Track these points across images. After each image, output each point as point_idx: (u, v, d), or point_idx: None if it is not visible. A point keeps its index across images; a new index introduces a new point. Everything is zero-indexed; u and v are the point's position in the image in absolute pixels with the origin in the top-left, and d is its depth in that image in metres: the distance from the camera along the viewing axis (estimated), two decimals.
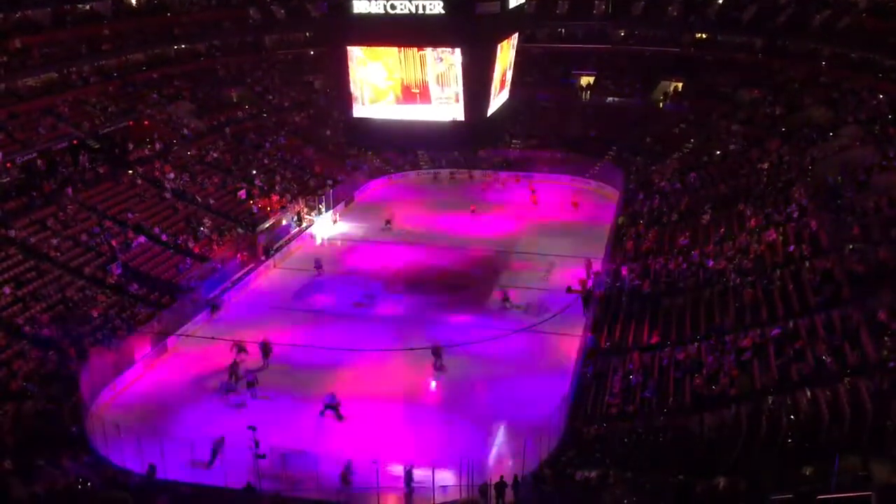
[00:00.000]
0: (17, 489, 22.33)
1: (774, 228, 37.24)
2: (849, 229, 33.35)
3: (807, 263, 32.68)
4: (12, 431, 26.66)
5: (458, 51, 31.97)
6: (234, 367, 31.10)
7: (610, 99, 66.37)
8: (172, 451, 25.43)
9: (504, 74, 36.99)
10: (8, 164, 41.83)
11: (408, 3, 31.01)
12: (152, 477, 24.78)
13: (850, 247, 31.85)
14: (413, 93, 33.67)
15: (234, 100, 61.67)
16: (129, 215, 42.83)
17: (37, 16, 51.15)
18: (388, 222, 49.77)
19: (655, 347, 31.49)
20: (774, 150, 49.28)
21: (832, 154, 43.59)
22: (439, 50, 32.35)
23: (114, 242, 40.08)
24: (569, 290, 38.80)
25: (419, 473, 24.47)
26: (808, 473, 19.68)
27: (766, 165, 47.72)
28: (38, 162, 43.61)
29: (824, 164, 42.44)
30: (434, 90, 33.29)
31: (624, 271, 39.00)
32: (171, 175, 48.21)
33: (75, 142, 46.81)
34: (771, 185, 44.08)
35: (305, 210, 49.60)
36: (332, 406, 28.93)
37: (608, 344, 33.14)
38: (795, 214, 37.90)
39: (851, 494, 15.43)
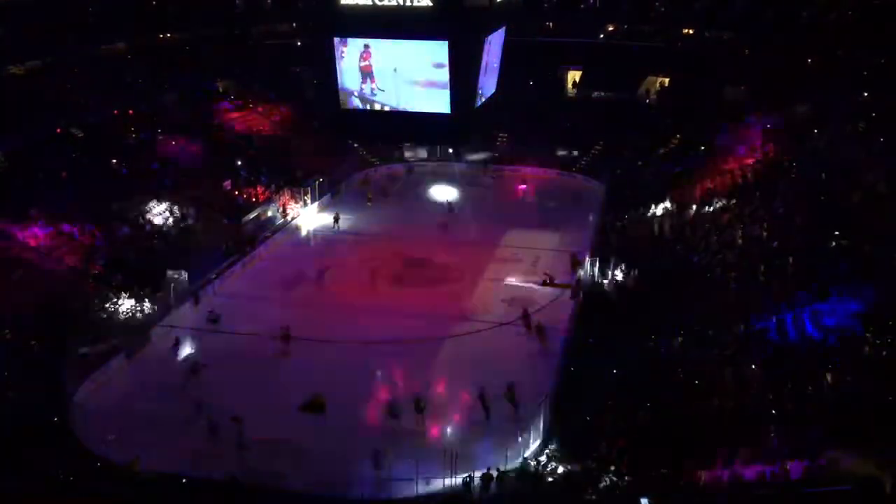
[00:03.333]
0: None
1: (759, 223, 37.45)
2: (833, 225, 33.59)
3: (791, 258, 32.88)
4: None
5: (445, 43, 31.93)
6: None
7: (597, 93, 66.45)
8: (156, 442, 25.33)
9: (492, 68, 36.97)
10: None
11: None
12: (136, 468, 24.67)
13: (834, 242, 32.10)
14: None
15: (220, 90, 61.30)
16: (114, 205, 42.50)
17: (21, 2, 50.54)
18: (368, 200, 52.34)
19: (640, 341, 31.58)
20: (760, 146, 49.46)
21: (817, 150, 43.80)
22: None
23: (98, 232, 39.78)
24: (544, 283, 38.93)
25: (403, 466, 24.50)
26: (790, 468, 19.84)
27: (751, 161, 47.91)
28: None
29: (809, 160, 42.66)
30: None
31: (609, 266, 39.09)
32: (156, 165, 47.90)
33: (59, 130, 46.39)
34: (756, 180, 44.26)
35: (291, 201, 49.44)
36: (314, 404, 28.83)
37: (593, 338, 33.21)
38: (780, 210, 38.12)
39: (835, 488, 15.57)
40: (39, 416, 27.37)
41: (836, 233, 32.98)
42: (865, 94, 48.10)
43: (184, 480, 24.48)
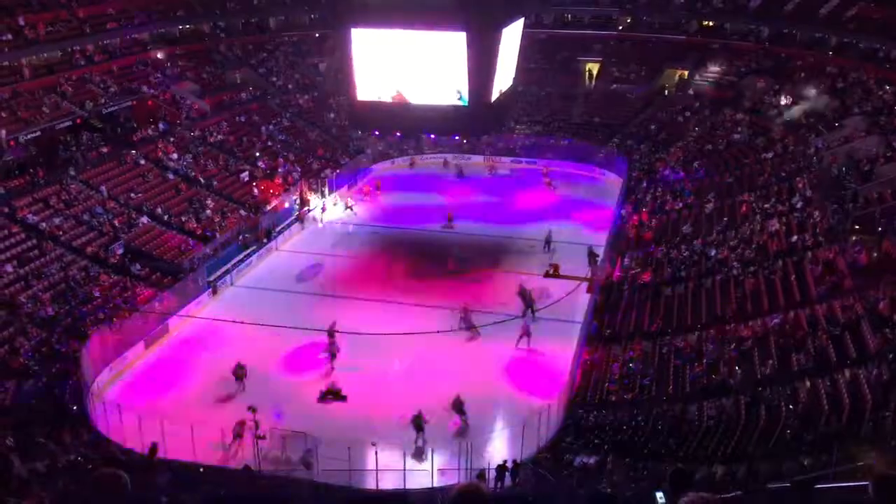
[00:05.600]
0: (18, 467, 22.40)
1: (778, 218, 37.23)
2: (852, 220, 33.37)
3: (809, 254, 32.69)
4: (14, 409, 26.76)
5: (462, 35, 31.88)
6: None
7: (615, 86, 66.12)
8: (173, 431, 25.53)
9: (509, 60, 36.87)
10: (11, 143, 41.78)
11: None
12: (153, 456, 24.88)
13: (853, 237, 31.86)
14: None
15: (238, 81, 61.49)
16: (132, 195, 42.85)
17: None
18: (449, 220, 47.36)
19: (656, 335, 31.53)
20: (779, 140, 49.16)
21: (837, 144, 43.46)
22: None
23: (116, 222, 40.11)
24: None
25: (416, 459, 24.58)
26: (805, 463, 19.73)
27: (770, 155, 47.62)
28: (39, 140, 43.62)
29: (829, 155, 42.35)
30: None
31: (626, 259, 39.02)
32: (174, 156, 48.17)
33: (79, 121, 46.72)
34: (775, 175, 44.02)
35: (308, 193, 49.56)
36: (333, 392, 29.02)
37: (609, 331, 33.19)
38: (799, 204, 37.88)
39: (849, 484, 15.45)
40: (59, 403, 27.72)
41: (857, 227, 32.77)
42: (887, 87, 47.64)
43: (201, 469, 24.71)
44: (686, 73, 64.38)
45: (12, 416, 26.12)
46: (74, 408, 27.69)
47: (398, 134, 55.51)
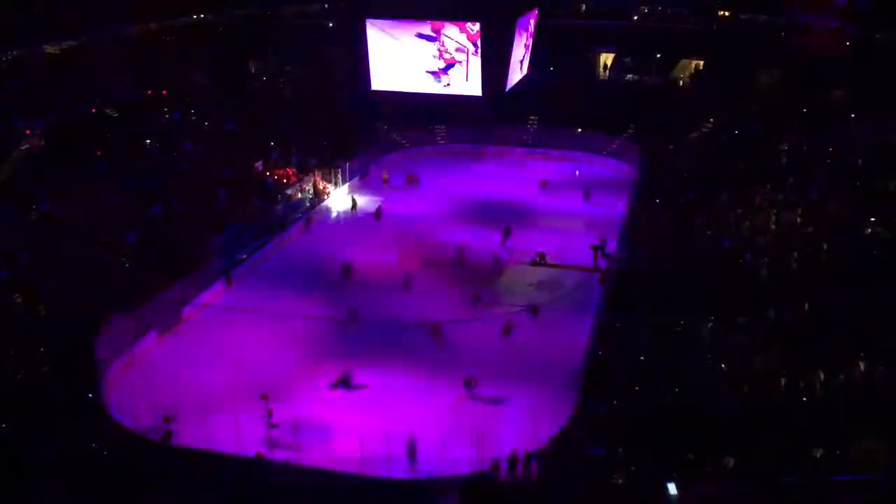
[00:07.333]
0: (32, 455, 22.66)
1: (793, 210, 37.01)
2: (868, 211, 33.16)
3: (825, 245, 32.49)
4: (28, 396, 26.95)
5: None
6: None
7: (629, 76, 65.75)
8: (186, 419, 25.72)
9: (523, 50, 36.77)
10: (27, 131, 42.00)
11: None
12: (167, 443, 25.08)
13: (869, 229, 31.68)
14: None
15: (252, 70, 61.50)
16: (146, 183, 42.95)
17: None
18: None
19: (669, 326, 31.39)
20: (795, 131, 48.78)
21: (854, 135, 43.14)
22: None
23: (131, 210, 40.21)
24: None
25: (428, 447, 24.63)
26: (818, 455, 19.70)
27: (786, 146, 47.27)
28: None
29: (845, 146, 42.05)
30: None
31: (639, 249, 38.81)
32: (189, 145, 48.25)
33: (94, 110, 46.88)
34: (791, 166, 43.71)
35: (321, 182, 49.61)
36: (345, 380, 29.13)
37: (620, 322, 33.07)
38: (815, 196, 37.64)
39: (862, 477, 15.45)
40: (73, 390, 27.88)
41: (872, 219, 32.56)
42: None
43: (214, 457, 24.86)
44: (701, 63, 63.99)
45: (27, 403, 26.33)
46: (89, 395, 27.85)
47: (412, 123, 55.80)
